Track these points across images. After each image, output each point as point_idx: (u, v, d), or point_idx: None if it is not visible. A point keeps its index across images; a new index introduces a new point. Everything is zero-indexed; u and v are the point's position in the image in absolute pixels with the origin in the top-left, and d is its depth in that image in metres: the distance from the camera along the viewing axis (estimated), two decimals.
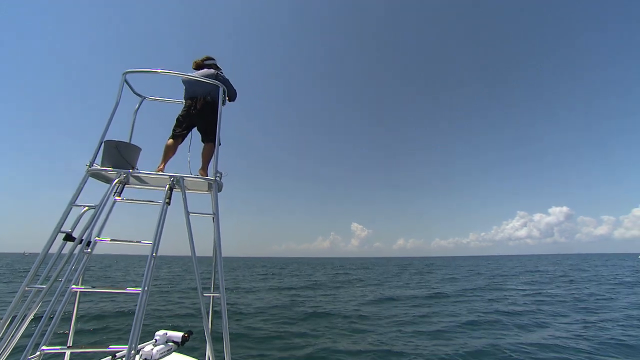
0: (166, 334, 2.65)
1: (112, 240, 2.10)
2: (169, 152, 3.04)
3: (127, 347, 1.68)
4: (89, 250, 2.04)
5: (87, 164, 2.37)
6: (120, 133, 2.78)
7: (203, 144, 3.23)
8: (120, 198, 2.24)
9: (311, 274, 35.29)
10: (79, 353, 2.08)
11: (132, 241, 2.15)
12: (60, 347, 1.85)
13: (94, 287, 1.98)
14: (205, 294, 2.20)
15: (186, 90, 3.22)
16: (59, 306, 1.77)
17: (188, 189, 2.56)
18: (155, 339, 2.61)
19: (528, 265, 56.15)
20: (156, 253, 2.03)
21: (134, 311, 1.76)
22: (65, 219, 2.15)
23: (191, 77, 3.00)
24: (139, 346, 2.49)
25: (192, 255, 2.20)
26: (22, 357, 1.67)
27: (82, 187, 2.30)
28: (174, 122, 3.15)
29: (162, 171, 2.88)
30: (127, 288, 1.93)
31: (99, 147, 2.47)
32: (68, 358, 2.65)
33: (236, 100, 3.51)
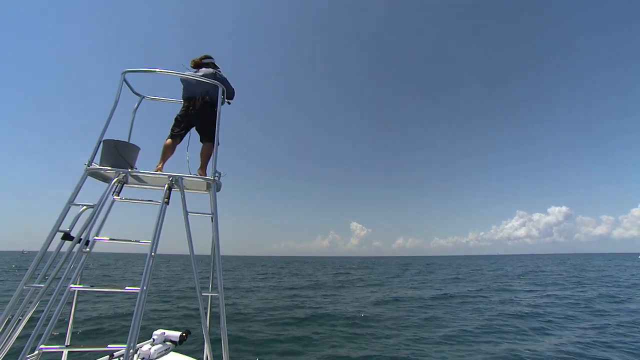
0: (164, 334, 2.65)
1: (111, 239, 2.10)
2: (168, 152, 3.04)
3: (126, 347, 1.68)
4: (88, 249, 2.04)
5: (86, 163, 2.37)
6: (119, 132, 2.78)
7: (202, 144, 3.24)
8: (119, 197, 2.24)
9: (311, 274, 34.84)
10: (78, 352, 2.07)
11: (131, 240, 2.16)
12: (58, 347, 1.85)
13: (93, 286, 1.98)
14: (203, 294, 2.20)
15: (185, 89, 3.20)
16: (58, 305, 1.77)
17: (187, 189, 2.56)
18: (152, 339, 2.61)
19: (530, 265, 54.54)
20: (155, 252, 2.04)
21: (132, 310, 1.76)
22: (63, 218, 2.16)
23: (190, 77, 2.99)
24: (137, 345, 2.49)
25: (191, 254, 2.20)
26: (21, 356, 1.67)
27: (81, 186, 2.30)
28: (173, 122, 3.15)
29: (161, 171, 2.88)
30: (126, 287, 1.93)
31: (98, 146, 2.47)
32: (66, 357, 2.64)
33: (235, 99, 3.50)
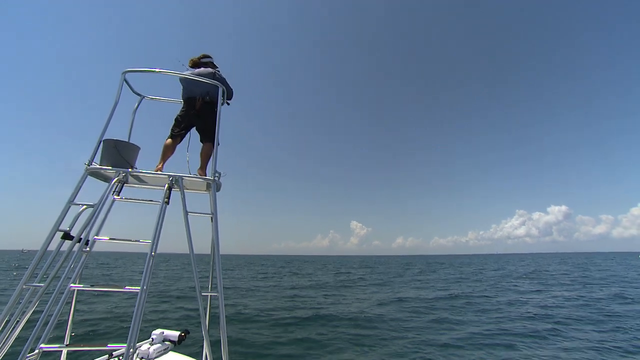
0: (163, 333, 2.65)
1: (111, 239, 2.11)
2: (168, 152, 3.04)
3: (126, 346, 1.69)
4: (88, 249, 2.05)
5: (86, 163, 2.38)
6: (119, 132, 2.78)
7: (201, 144, 3.24)
8: (119, 197, 2.24)
9: (312, 273, 34.08)
10: (77, 351, 2.08)
11: (131, 240, 2.16)
12: (58, 346, 1.85)
13: (93, 286, 1.98)
14: (203, 294, 2.21)
15: (184, 89, 3.20)
16: (57, 304, 1.78)
17: (187, 189, 2.57)
18: (151, 338, 2.61)
19: (532, 264, 52.60)
20: (155, 252, 2.04)
21: (132, 310, 1.77)
22: (63, 218, 2.16)
23: (190, 77, 2.99)
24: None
25: (191, 254, 2.21)
26: (21, 356, 1.68)
27: (81, 186, 2.30)
28: (173, 122, 3.15)
29: (161, 170, 2.89)
30: (126, 287, 1.94)
31: (98, 146, 2.47)
32: (65, 357, 2.64)
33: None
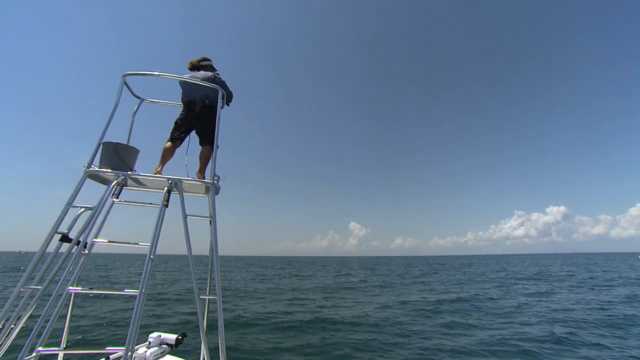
0: (160, 336, 2.65)
1: (110, 241, 2.11)
2: (167, 155, 3.04)
3: (124, 349, 1.69)
4: (86, 251, 2.04)
5: (85, 165, 2.38)
6: (118, 135, 2.79)
7: (201, 147, 3.25)
8: (118, 200, 2.25)
9: (312, 275, 33.24)
10: (76, 354, 2.07)
11: (130, 243, 2.16)
12: (56, 349, 1.85)
13: (91, 289, 1.98)
14: (201, 297, 2.22)
15: (184, 92, 3.20)
16: (55, 307, 1.77)
17: (186, 192, 2.58)
18: (148, 341, 2.60)
19: (534, 265, 50.94)
20: (154, 255, 2.05)
21: (129, 313, 1.77)
22: (62, 220, 2.15)
23: (190, 81, 3.00)
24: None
25: (189, 258, 2.21)
26: (18, 358, 1.67)
27: (80, 188, 2.30)
28: (172, 125, 3.15)
29: (160, 173, 2.89)
30: (125, 290, 1.94)
31: (97, 149, 2.47)
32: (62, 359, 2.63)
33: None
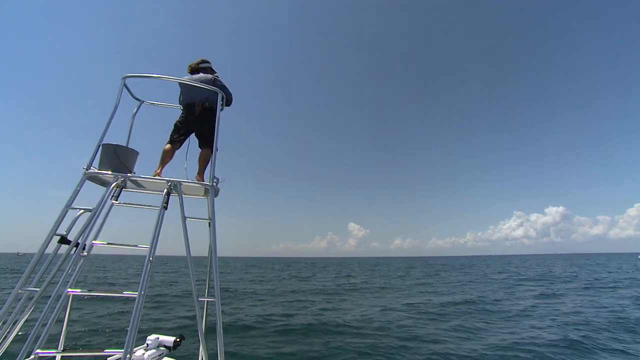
0: (158, 339, 2.63)
1: (109, 243, 2.11)
2: (167, 157, 3.05)
3: (123, 351, 1.69)
4: (85, 253, 2.04)
5: (85, 167, 2.38)
6: (118, 136, 2.79)
7: (200, 149, 3.26)
8: (117, 201, 2.25)
9: (311, 276, 32.24)
10: (74, 356, 2.06)
11: (129, 245, 2.16)
12: (54, 351, 1.84)
13: (90, 291, 1.98)
14: (200, 299, 2.22)
15: (183, 95, 3.20)
16: (54, 310, 1.77)
17: (185, 194, 2.58)
18: (146, 344, 2.59)
19: (538, 266, 49.03)
20: (153, 257, 2.05)
21: (129, 315, 1.77)
22: (61, 222, 2.15)
23: (190, 83, 3.01)
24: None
25: (188, 260, 2.22)
26: None
27: (79, 190, 2.30)
28: (172, 128, 3.16)
29: (159, 176, 2.89)
30: (124, 292, 1.94)
31: (97, 150, 2.48)
32: None
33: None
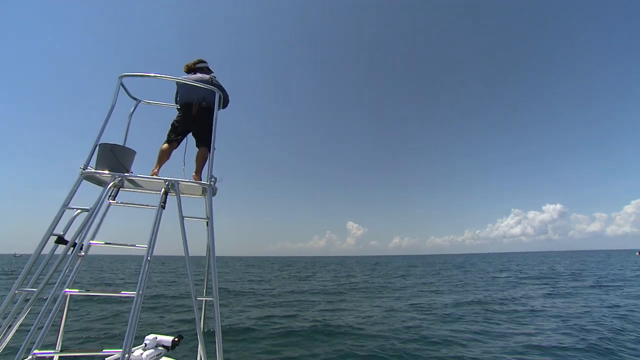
0: (156, 338, 2.63)
1: (107, 243, 2.11)
2: (164, 157, 3.04)
3: (122, 351, 1.69)
4: (82, 253, 2.04)
5: (82, 167, 2.37)
6: (115, 136, 2.78)
7: (197, 149, 3.25)
8: (114, 201, 2.24)
9: (312, 275, 31.46)
10: (72, 357, 2.06)
11: (127, 245, 2.16)
12: (52, 351, 1.84)
13: (88, 291, 1.97)
14: (198, 298, 2.22)
15: (180, 94, 3.19)
16: (51, 310, 1.77)
17: (183, 193, 2.58)
18: (144, 343, 2.59)
19: (540, 264, 47.66)
20: (151, 257, 2.05)
21: (127, 315, 1.77)
22: (57, 222, 2.15)
23: (187, 82, 3.01)
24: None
25: (186, 259, 2.22)
26: None
27: (76, 190, 2.29)
28: (169, 127, 3.16)
29: (157, 175, 2.89)
30: (122, 292, 1.93)
31: (94, 150, 2.47)
32: None
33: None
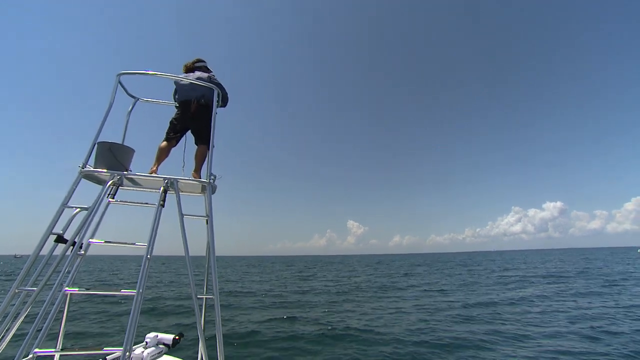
0: (157, 336, 2.64)
1: (106, 242, 2.10)
2: (163, 155, 3.03)
3: (122, 349, 1.69)
4: (82, 252, 2.03)
5: (80, 166, 2.36)
6: (113, 134, 2.76)
7: (196, 146, 3.24)
8: (113, 200, 2.23)
9: (313, 275, 31.17)
10: (72, 355, 2.06)
11: (127, 243, 2.16)
12: (53, 350, 1.84)
13: (88, 289, 1.97)
14: (198, 296, 2.22)
15: (179, 92, 3.19)
16: (52, 309, 1.76)
17: (182, 191, 2.57)
18: (145, 342, 2.59)
19: (547, 262, 46.56)
20: (151, 255, 2.04)
21: (127, 313, 1.77)
22: (57, 221, 2.14)
23: (185, 80, 2.99)
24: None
25: (186, 257, 2.21)
26: None
27: (75, 189, 2.28)
28: (168, 125, 3.14)
29: (155, 173, 2.88)
30: (122, 290, 1.93)
31: (92, 148, 2.46)
32: None
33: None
